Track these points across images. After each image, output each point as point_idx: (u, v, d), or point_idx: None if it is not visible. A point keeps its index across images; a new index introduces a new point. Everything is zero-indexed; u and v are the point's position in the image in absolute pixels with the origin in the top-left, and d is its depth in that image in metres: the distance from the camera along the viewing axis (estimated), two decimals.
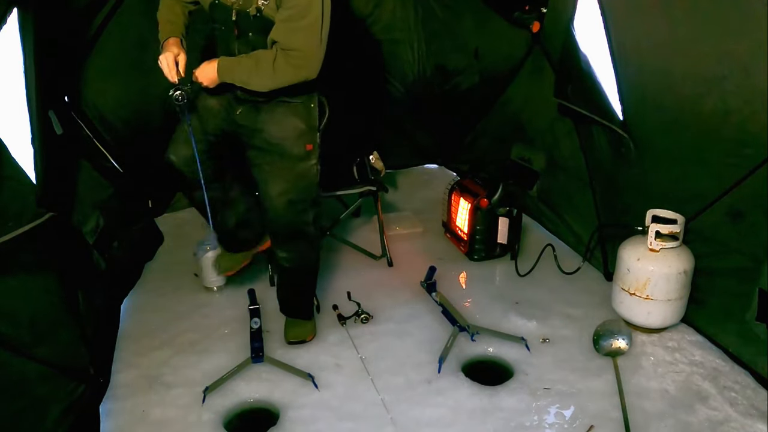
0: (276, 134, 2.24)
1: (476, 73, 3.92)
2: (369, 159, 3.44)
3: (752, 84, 2.12)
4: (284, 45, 2.04)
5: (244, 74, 2.10)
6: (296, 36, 2.03)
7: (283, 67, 2.05)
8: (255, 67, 2.08)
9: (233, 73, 2.12)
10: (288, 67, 2.05)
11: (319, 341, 2.68)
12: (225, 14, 2.12)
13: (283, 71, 2.06)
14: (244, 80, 2.11)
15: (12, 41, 2.05)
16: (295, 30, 2.02)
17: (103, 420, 2.21)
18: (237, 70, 2.11)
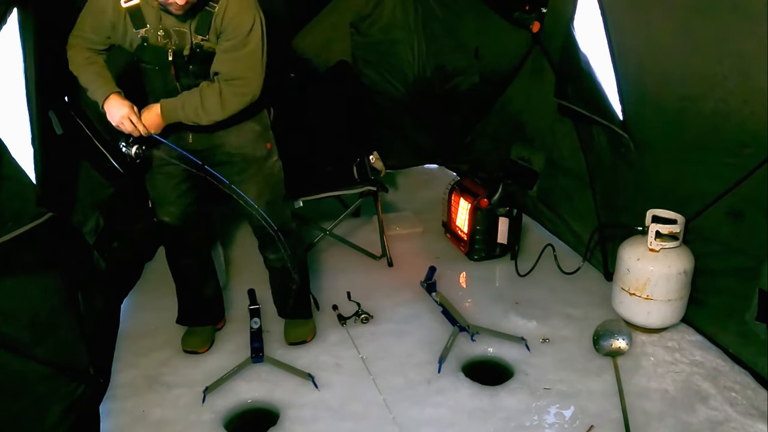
0: (235, 143, 2.25)
1: (476, 73, 3.92)
2: (369, 159, 3.45)
3: (752, 84, 2.12)
4: (228, 75, 2.05)
5: (191, 113, 2.09)
6: (239, 65, 2.05)
7: (230, 98, 2.07)
8: (201, 104, 2.07)
9: (179, 114, 2.10)
10: (234, 96, 2.07)
11: (319, 341, 2.68)
12: (158, 55, 2.08)
13: (230, 101, 2.08)
14: (191, 118, 2.10)
15: (12, 41, 2.05)
16: (238, 59, 2.04)
17: (103, 420, 2.21)
18: (182, 110, 2.09)
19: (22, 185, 1.96)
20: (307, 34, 3.99)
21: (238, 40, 2.01)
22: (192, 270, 2.57)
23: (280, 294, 2.67)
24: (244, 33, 2.00)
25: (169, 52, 2.06)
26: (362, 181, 3.37)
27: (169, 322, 2.70)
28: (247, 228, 2.60)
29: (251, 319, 2.68)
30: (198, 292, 2.62)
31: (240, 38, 2.01)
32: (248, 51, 2.03)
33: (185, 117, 2.10)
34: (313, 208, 3.19)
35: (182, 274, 2.58)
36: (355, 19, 4.01)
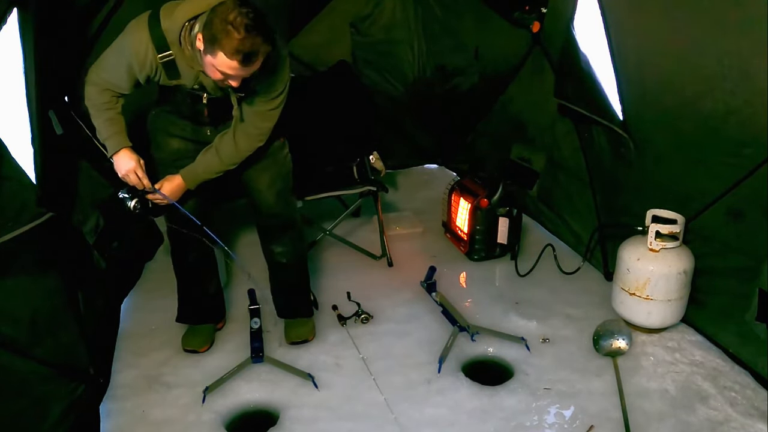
0: None
1: (476, 73, 3.92)
2: (369, 159, 3.44)
3: (752, 84, 2.12)
4: (247, 125, 2.13)
5: (212, 171, 2.21)
6: (261, 120, 2.14)
7: (244, 146, 2.18)
8: (219, 159, 2.18)
9: (200, 177, 2.22)
10: (248, 144, 2.18)
11: (319, 341, 2.68)
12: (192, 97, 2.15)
13: (244, 148, 2.18)
14: (212, 174, 2.22)
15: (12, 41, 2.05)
16: (262, 115, 2.13)
17: (103, 420, 2.21)
18: (202, 172, 2.21)
19: (22, 185, 1.95)
20: (307, 34, 3.99)
21: (269, 99, 2.09)
22: (196, 267, 2.56)
23: (281, 292, 2.67)
24: (277, 93, 2.09)
25: (203, 96, 2.13)
26: (362, 181, 3.37)
27: (169, 322, 2.70)
28: (248, 228, 2.60)
29: (251, 319, 2.68)
30: (200, 290, 2.62)
31: (271, 97, 2.09)
32: (272, 108, 2.12)
33: (207, 177, 2.23)
34: (313, 208, 3.19)
35: (186, 271, 2.58)
36: (355, 19, 4.02)
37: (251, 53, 1.78)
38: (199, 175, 2.22)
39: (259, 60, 1.83)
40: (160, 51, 1.97)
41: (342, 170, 3.48)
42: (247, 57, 1.78)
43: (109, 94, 2.10)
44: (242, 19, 1.75)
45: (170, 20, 1.93)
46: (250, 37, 1.75)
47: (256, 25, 1.77)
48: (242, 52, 1.76)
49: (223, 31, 1.75)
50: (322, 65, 3.89)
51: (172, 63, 1.99)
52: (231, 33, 1.74)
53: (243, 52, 1.76)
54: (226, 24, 1.74)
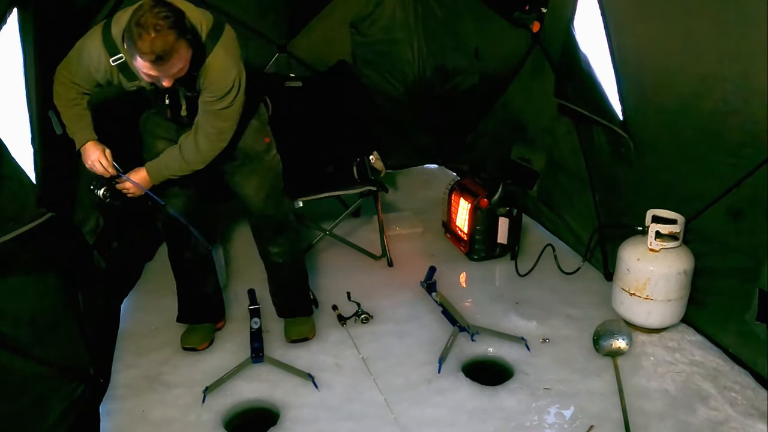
0: (236, 138, 2.26)
1: (476, 73, 3.92)
2: (369, 159, 3.44)
3: (752, 84, 2.12)
4: (205, 127, 2.12)
5: (174, 168, 2.19)
6: (217, 119, 2.11)
7: (206, 147, 2.15)
8: (182, 158, 2.16)
9: (164, 174, 2.21)
10: (210, 145, 2.15)
11: (319, 341, 2.68)
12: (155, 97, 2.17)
13: (207, 150, 2.16)
14: (176, 172, 2.20)
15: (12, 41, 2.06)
16: (217, 114, 2.10)
17: (103, 420, 2.21)
18: (166, 169, 2.20)
19: (22, 185, 1.96)
20: (307, 34, 3.99)
21: (217, 97, 2.06)
22: (192, 265, 2.56)
23: (279, 292, 2.68)
24: (224, 92, 2.05)
25: (166, 97, 2.14)
26: (362, 181, 3.37)
27: (169, 321, 2.70)
28: (247, 228, 2.60)
29: (251, 319, 2.68)
30: (198, 289, 2.62)
31: (219, 95, 2.05)
32: (225, 106, 2.09)
33: (171, 174, 2.21)
34: (313, 208, 3.19)
35: (183, 270, 2.58)
36: (355, 19, 4.01)
37: (164, 52, 1.78)
38: (161, 171, 2.20)
39: (176, 58, 1.82)
40: (112, 55, 2.00)
41: (342, 170, 3.48)
42: (159, 57, 1.78)
43: (75, 90, 2.13)
44: (152, 19, 1.75)
45: (118, 26, 1.95)
46: (160, 36, 1.75)
47: (168, 24, 1.76)
48: (154, 53, 1.77)
49: (136, 34, 1.77)
50: (322, 65, 3.89)
51: (125, 65, 2.01)
52: (142, 35, 1.76)
53: (155, 52, 1.77)
54: (138, 27, 1.76)
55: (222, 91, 2.05)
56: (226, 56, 2.03)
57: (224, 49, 2.02)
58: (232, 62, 2.04)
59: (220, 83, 2.04)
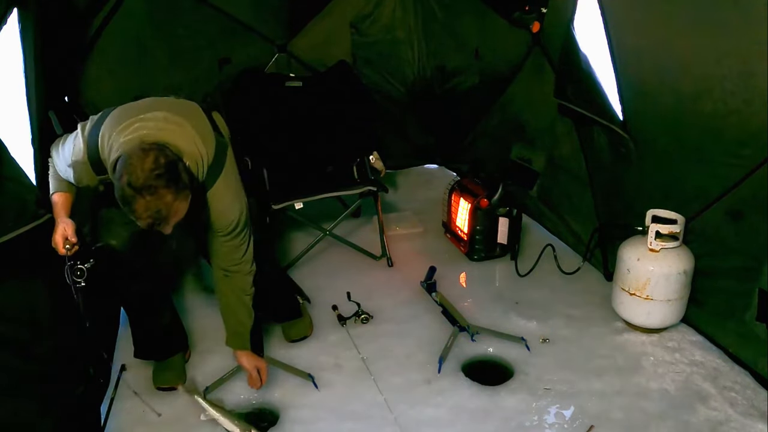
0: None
1: (476, 73, 3.92)
2: (369, 159, 3.44)
3: (752, 84, 2.12)
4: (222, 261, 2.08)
5: (247, 318, 2.19)
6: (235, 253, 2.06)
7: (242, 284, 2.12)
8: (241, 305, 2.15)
9: (245, 331, 2.20)
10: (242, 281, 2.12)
11: (319, 341, 2.68)
12: None
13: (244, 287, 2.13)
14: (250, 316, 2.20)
15: (12, 41, 2.06)
16: (233, 249, 2.05)
17: (103, 420, 2.21)
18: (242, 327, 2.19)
19: (22, 186, 1.96)
20: (307, 34, 3.99)
21: (224, 233, 2.01)
22: (142, 298, 2.32)
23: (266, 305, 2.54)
24: (230, 228, 2.00)
25: None
26: (362, 181, 3.37)
27: None
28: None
29: None
30: (154, 320, 2.40)
31: (226, 232, 2.01)
32: (239, 243, 2.05)
33: (249, 325, 2.20)
34: (313, 208, 3.19)
35: (133, 303, 2.35)
36: (355, 19, 4.01)
37: (162, 216, 1.66)
38: (244, 334, 2.20)
39: (176, 215, 1.71)
40: (99, 174, 1.90)
41: (342, 170, 3.48)
42: (158, 221, 1.67)
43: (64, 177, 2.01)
44: (145, 180, 1.61)
45: (105, 152, 1.82)
46: (155, 199, 1.63)
47: (163, 183, 1.62)
48: (152, 217, 1.66)
49: (129, 196, 1.63)
50: (322, 65, 3.89)
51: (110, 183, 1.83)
52: (136, 198, 1.62)
53: (152, 217, 1.65)
54: (130, 188, 1.62)
55: (228, 228, 1.99)
56: (227, 192, 1.95)
57: (225, 184, 1.94)
58: (233, 198, 1.97)
59: (223, 221, 1.98)
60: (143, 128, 1.77)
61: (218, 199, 1.93)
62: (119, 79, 3.18)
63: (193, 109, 2.00)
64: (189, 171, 1.73)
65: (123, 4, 3.03)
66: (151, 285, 2.32)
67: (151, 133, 1.75)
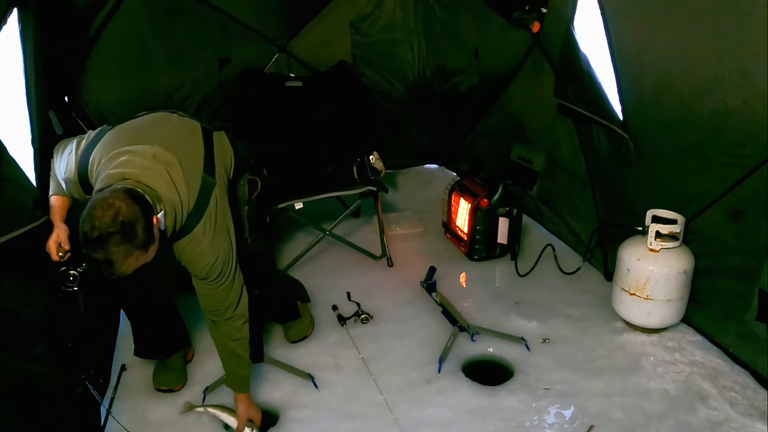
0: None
1: (476, 73, 3.92)
2: (369, 159, 3.44)
3: (752, 84, 2.12)
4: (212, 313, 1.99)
5: (245, 365, 2.11)
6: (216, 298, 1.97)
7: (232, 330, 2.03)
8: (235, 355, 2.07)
9: (244, 378, 2.13)
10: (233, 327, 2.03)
11: (319, 341, 2.68)
12: None
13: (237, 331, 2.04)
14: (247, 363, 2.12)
15: (12, 41, 2.06)
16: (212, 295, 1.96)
17: (103, 420, 2.21)
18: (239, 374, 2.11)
19: (22, 186, 1.96)
20: (307, 34, 3.99)
21: (199, 277, 1.93)
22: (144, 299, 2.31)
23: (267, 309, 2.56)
24: (204, 273, 1.90)
25: None
26: (362, 181, 3.37)
27: None
28: None
29: None
30: (153, 320, 2.38)
31: (201, 276, 1.92)
32: (216, 288, 1.94)
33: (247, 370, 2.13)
34: (313, 208, 3.19)
35: (132, 306, 2.34)
36: (355, 19, 4.01)
37: (110, 266, 1.60)
38: (242, 381, 2.12)
39: (129, 264, 1.63)
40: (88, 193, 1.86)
41: (342, 170, 3.48)
42: (108, 270, 1.62)
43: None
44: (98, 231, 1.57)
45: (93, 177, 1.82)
46: (104, 251, 1.58)
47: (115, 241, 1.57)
48: (101, 267, 1.61)
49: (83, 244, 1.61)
50: (322, 65, 3.89)
51: None
52: (89, 248, 1.60)
53: (101, 267, 1.61)
54: (84, 237, 1.59)
55: (203, 272, 1.90)
56: (202, 239, 1.84)
57: (203, 230, 1.84)
58: (208, 244, 1.85)
59: (197, 266, 1.89)
60: (128, 164, 1.73)
61: (193, 245, 1.85)
62: (119, 79, 3.18)
63: (191, 136, 1.94)
64: (149, 229, 1.64)
65: (123, 4, 3.02)
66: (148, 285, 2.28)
67: (134, 172, 1.70)
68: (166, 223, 1.74)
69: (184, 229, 1.82)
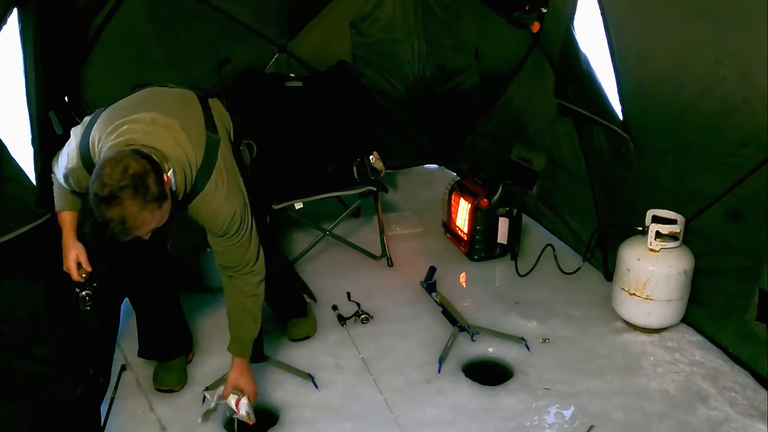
0: None
1: (476, 73, 3.92)
2: (369, 159, 3.44)
3: (752, 84, 2.12)
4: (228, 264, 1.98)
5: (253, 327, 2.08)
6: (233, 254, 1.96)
7: (248, 287, 2.02)
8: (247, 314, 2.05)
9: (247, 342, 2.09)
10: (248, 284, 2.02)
11: (319, 341, 2.68)
12: None
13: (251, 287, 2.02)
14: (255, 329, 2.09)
15: (12, 41, 2.06)
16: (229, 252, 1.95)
17: (103, 420, 2.21)
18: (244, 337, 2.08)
19: (22, 186, 1.96)
20: (307, 34, 3.99)
21: (218, 235, 1.92)
22: (154, 296, 2.35)
23: (273, 302, 2.58)
24: (222, 230, 1.90)
25: None
26: (362, 181, 3.37)
27: None
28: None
29: None
30: (162, 319, 2.41)
31: (219, 234, 1.91)
32: (233, 244, 1.93)
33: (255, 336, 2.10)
34: (313, 208, 3.19)
35: (143, 301, 2.36)
36: (355, 19, 4.01)
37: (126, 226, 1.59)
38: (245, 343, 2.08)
39: (145, 225, 1.63)
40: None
41: (342, 170, 3.48)
42: (124, 231, 1.60)
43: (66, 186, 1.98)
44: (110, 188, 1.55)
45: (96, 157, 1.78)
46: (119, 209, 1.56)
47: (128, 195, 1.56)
48: (116, 226, 1.59)
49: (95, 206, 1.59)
50: (322, 65, 3.89)
51: None
52: (100, 206, 1.57)
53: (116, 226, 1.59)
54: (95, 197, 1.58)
55: (222, 229, 1.89)
56: (216, 194, 1.84)
57: (215, 185, 1.83)
58: (223, 199, 1.85)
59: (215, 223, 1.88)
60: (130, 131, 1.72)
61: (207, 202, 1.84)
62: (119, 79, 3.17)
63: (187, 102, 1.95)
64: (161, 183, 1.63)
65: (123, 4, 3.02)
66: (153, 285, 2.33)
67: (137, 137, 1.70)
68: (177, 183, 1.73)
69: (195, 187, 1.81)
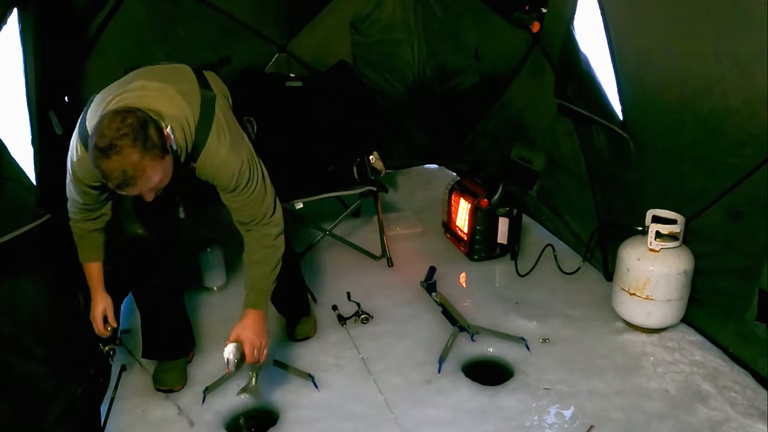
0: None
1: (476, 73, 3.92)
2: (369, 159, 3.44)
3: (752, 84, 2.12)
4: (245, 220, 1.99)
5: (268, 283, 2.07)
6: (248, 208, 1.97)
7: (266, 240, 2.02)
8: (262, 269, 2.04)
9: (267, 294, 2.09)
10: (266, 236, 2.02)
11: (319, 341, 2.68)
12: None
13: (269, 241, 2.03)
14: (271, 284, 2.09)
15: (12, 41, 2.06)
16: (244, 204, 1.96)
17: (103, 420, 2.21)
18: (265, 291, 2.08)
19: (22, 186, 1.96)
20: (307, 34, 3.99)
21: (229, 191, 1.92)
22: (162, 295, 2.34)
23: (276, 297, 2.59)
24: (232, 185, 1.90)
25: None
26: (362, 181, 3.37)
27: None
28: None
29: None
30: (167, 319, 2.41)
31: (230, 189, 1.91)
32: (245, 197, 1.94)
33: (270, 288, 2.09)
34: (313, 208, 3.19)
35: (150, 301, 2.34)
36: (355, 19, 4.02)
37: (128, 176, 1.57)
38: (261, 295, 2.09)
39: (146, 177, 1.61)
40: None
41: (342, 170, 3.48)
42: (125, 182, 1.58)
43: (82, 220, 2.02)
44: (109, 139, 1.54)
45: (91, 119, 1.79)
46: (120, 158, 1.55)
47: (128, 142, 1.54)
48: (117, 178, 1.57)
49: (95, 157, 1.56)
50: (322, 65, 3.89)
51: None
52: (101, 158, 1.55)
53: (118, 177, 1.57)
54: (96, 150, 1.56)
55: (231, 183, 1.88)
56: (219, 147, 1.83)
57: (217, 138, 1.82)
58: (227, 151, 1.84)
59: (223, 178, 1.88)
60: (123, 99, 1.72)
61: (212, 156, 1.82)
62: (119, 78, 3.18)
63: (180, 71, 1.95)
64: (162, 135, 1.62)
65: (123, 4, 3.03)
66: (170, 278, 2.34)
67: (131, 102, 1.69)
68: (177, 140, 1.72)
69: (197, 145, 1.80)
